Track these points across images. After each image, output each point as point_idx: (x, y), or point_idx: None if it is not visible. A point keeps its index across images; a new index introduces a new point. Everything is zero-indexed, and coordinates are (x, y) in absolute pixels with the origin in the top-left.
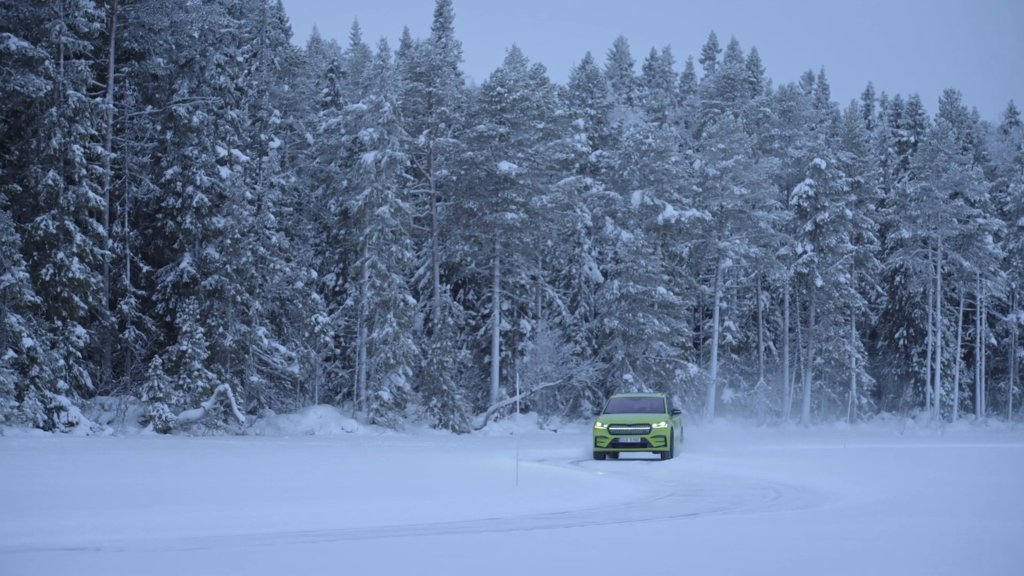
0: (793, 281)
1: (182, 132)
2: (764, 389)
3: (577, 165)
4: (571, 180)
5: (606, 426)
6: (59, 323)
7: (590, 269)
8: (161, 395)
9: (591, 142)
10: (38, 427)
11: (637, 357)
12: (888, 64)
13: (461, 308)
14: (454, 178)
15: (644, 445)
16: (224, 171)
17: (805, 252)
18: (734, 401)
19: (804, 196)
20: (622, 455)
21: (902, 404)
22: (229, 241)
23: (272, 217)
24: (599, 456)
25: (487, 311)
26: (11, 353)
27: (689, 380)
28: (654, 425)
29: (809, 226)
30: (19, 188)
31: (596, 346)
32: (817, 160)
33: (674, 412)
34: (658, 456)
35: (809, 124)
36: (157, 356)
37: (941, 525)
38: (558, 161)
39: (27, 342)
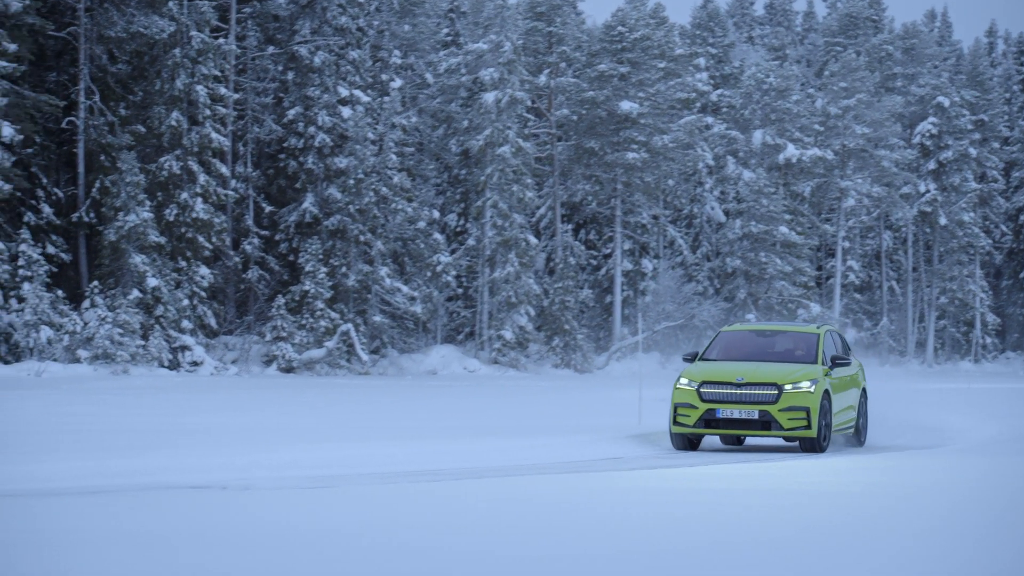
0: (916, 220)
1: (304, 73)
2: (887, 329)
3: (698, 104)
4: (692, 119)
5: (696, 386)
6: (183, 263)
7: (712, 209)
8: (284, 335)
9: (712, 81)
10: (163, 367)
11: (759, 296)
12: (1012, 1)
13: (583, 248)
14: (575, 117)
15: (766, 425)
16: (346, 111)
17: (928, 191)
18: (857, 341)
19: (927, 135)
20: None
21: None
22: (351, 181)
23: (394, 157)
24: (680, 442)
25: (608, 251)
26: (136, 293)
27: (811, 319)
28: (787, 387)
29: (932, 165)
30: (143, 129)
31: (718, 286)
32: (940, 98)
33: (837, 362)
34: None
35: (932, 62)
36: (280, 296)
37: None
38: (679, 100)
39: (152, 282)
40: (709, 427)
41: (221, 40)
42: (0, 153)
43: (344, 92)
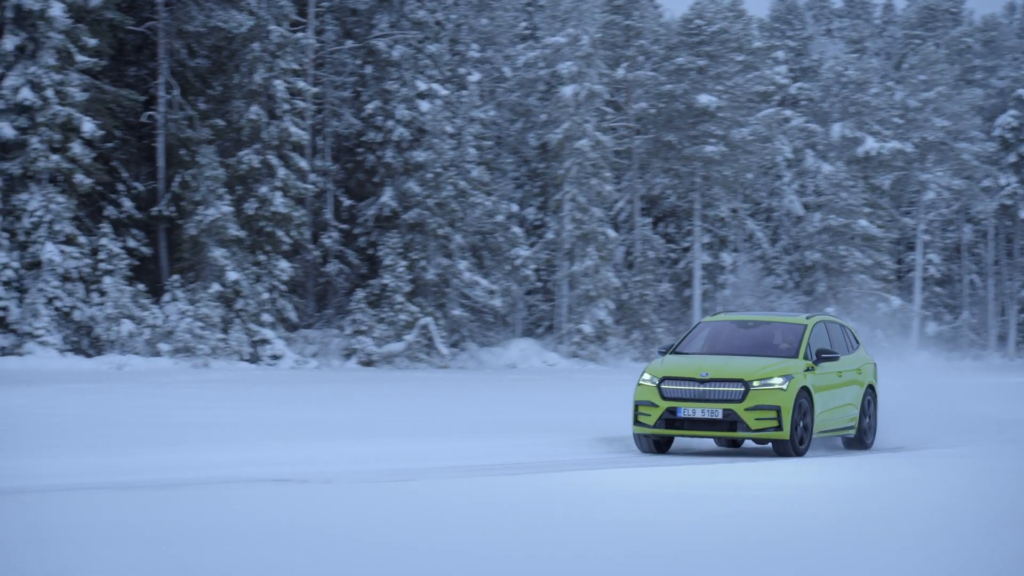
0: (997, 213)
1: (382, 66)
2: (968, 322)
3: (777, 97)
4: (771, 112)
5: (657, 382)
6: (263, 257)
7: (791, 202)
8: (364, 328)
9: (791, 74)
10: (244, 360)
11: (839, 290)
12: None
13: (662, 241)
14: (653, 111)
15: (731, 426)
16: (424, 105)
17: (1009, 184)
18: (938, 334)
19: (1008, 127)
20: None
21: None
22: (430, 175)
23: (472, 151)
24: (644, 444)
25: (687, 244)
26: (216, 287)
27: (892, 313)
28: (755, 384)
29: (1013, 157)
30: (223, 123)
31: (798, 279)
32: (1021, 91)
33: (823, 356)
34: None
35: (1012, 54)
36: (360, 290)
37: None
38: (757, 93)
39: (232, 276)
40: (669, 427)
41: (300, 34)
42: (81, 148)
43: (422, 86)
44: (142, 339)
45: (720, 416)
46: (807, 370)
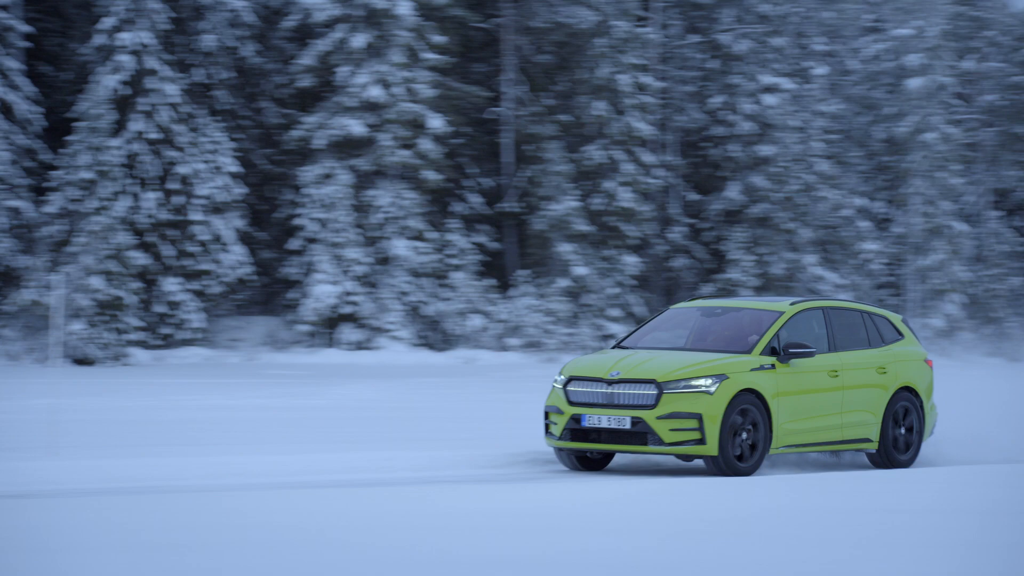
0: None
1: (727, 60)
2: None
3: None
4: None
5: (564, 383)
6: (610, 251)
7: None
8: None
9: None
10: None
11: None
12: None
13: (1013, 234)
14: (1003, 103)
15: (640, 438)
16: (769, 99)
17: None
18: None
19: None
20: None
21: None
22: (776, 169)
23: (818, 144)
24: (566, 460)
25: None
26: (564, 281)
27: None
28: (670, 384)
29: None
30: (568, 118)
31: None
32: None
33: (794, 351)
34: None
35: None
36: (706, 284)
37: None
38: None
39: (579, 270)
40: (576, 439)
41: (644, 29)
42: (430, 144)
43: (767, 80)
44: (491, 334)
45: (628, 426)
46: (760, 368)
